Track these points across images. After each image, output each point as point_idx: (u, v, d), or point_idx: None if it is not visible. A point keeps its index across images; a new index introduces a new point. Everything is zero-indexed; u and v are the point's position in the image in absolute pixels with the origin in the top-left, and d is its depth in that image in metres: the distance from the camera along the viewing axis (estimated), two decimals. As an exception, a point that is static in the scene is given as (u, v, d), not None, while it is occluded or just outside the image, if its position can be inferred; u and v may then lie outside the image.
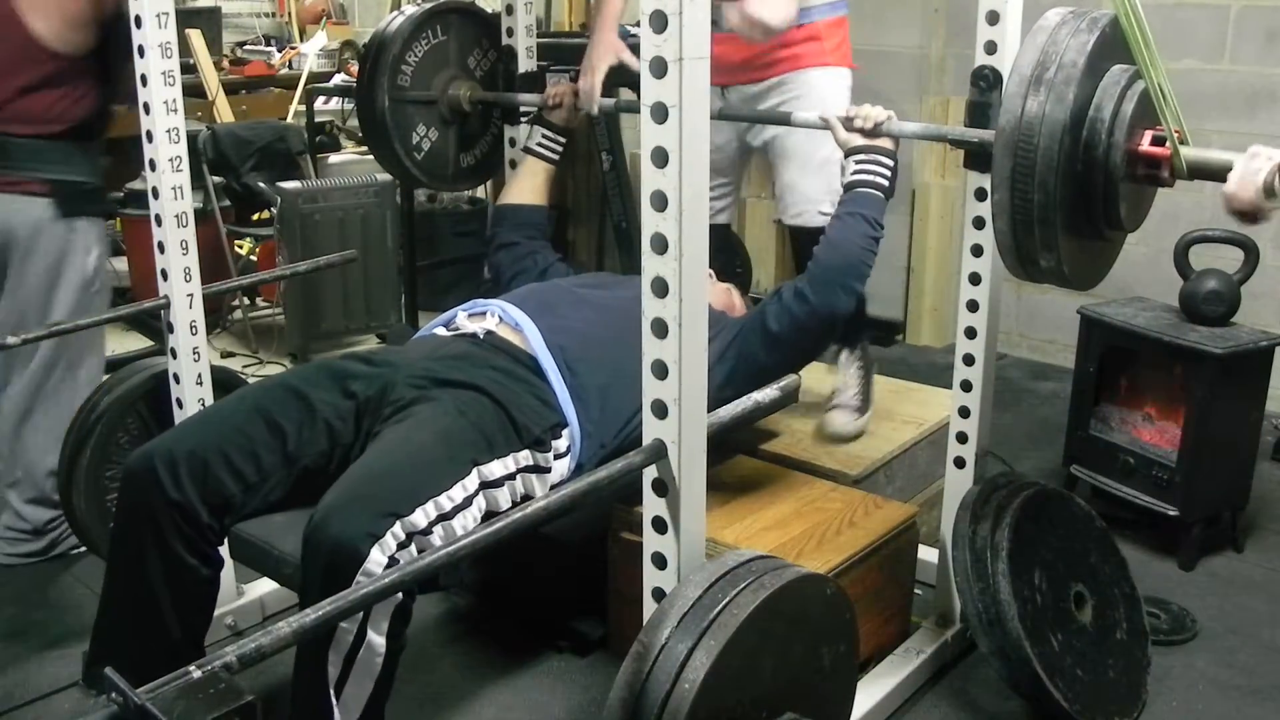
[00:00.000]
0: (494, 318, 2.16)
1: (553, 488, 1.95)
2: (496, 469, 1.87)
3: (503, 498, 1.88)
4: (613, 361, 2.06)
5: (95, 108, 2.44)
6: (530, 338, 2.10)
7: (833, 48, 2.54)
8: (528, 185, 2.63)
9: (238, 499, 1.87)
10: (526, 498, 1.92)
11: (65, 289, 2.52)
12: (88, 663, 2.03)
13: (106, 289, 2.65)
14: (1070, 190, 1.67)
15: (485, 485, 1.84)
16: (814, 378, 2.79)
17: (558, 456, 1.99)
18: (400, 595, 1.69)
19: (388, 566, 1.63)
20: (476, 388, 1.95)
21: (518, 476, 1.91)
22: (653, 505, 1.50)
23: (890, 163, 2.13)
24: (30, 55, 2.32)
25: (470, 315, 2.20)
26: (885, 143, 2.13)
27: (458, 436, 1.84)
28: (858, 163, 2.14)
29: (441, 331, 2.20)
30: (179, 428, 1.98)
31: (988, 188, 1.88)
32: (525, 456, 1.93)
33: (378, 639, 1.69)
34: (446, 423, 1.86)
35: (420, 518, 1.70)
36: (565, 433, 2.01)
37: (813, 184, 2.53)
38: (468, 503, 1.79)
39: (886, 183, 2.13)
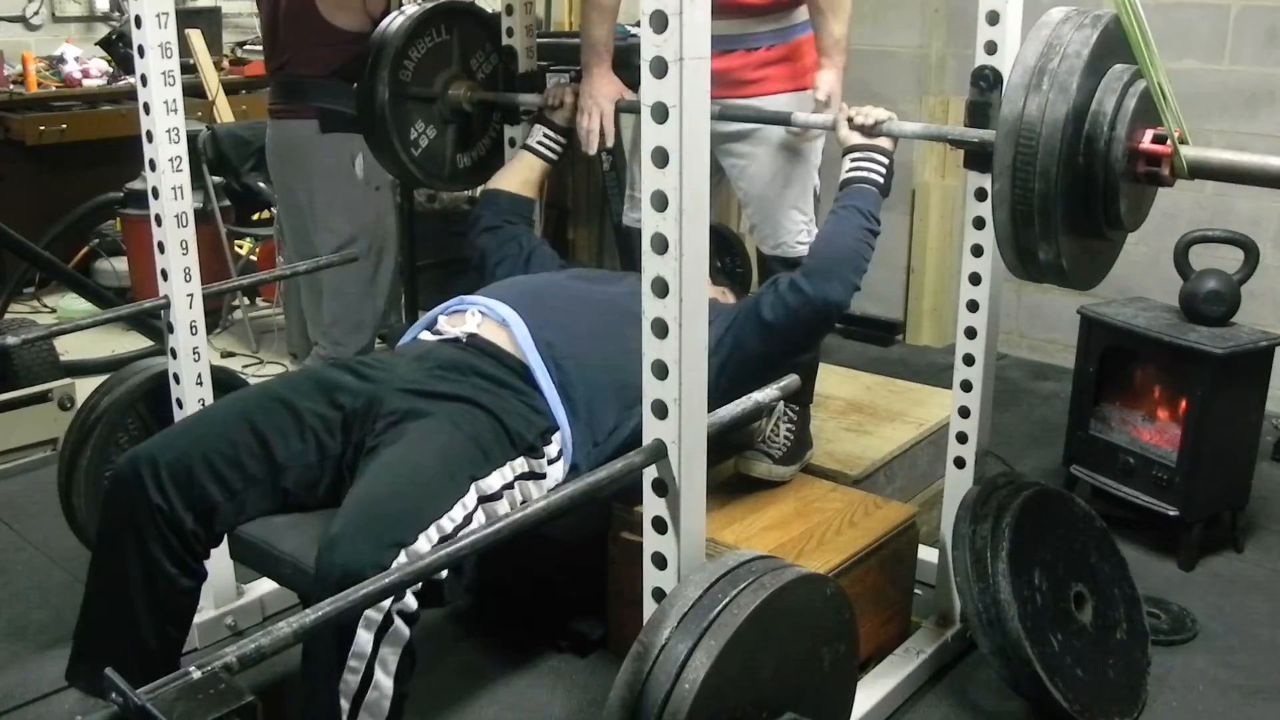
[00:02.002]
0: (475, 317, 2.14)
1: (549, 491, 1.94)
2: (494, 482, 1.86)
3: (501, 510, 1.86)
4: (602, 357, 2.05)
5: (355, 57, 2.92)
6: (517, 333, 2.08)
7: (805, 69, 2.36)
8: (520, 178, 2.61)
9: (222, 507, 1.86)
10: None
11: (342, 189, 3.19)
12: (70, 661, 2.00)
13: (386, 187, 3.31)
14: (1071, 180, 1.67)
15: (484, 500, 1.83)
16: (830, 383, 2.79)
17: (550, 462, 1.99)
18: (408, 633, 1.68)
19: (395, 599, 1.63)
20: (466, 399, 1.93)
21: (515, 485, 1.91)
22: (653, 505, 1.50)
23: (886, 161, 2.13)
24: (317, 26, 3.12)
25: (450, 316, 2.18)
26: (883, 142, 2.13)
27: (454, 454, 1.83)
28: (853, 160, 2.14)
29: (425, 336, 2.18)
30: (165, 434, 1.96)
31: (988, 188, 1.88)
32: (520, 464, 1.93)
33: (385, 680, 1.68)
34: (442, 441, 1.84)
35: (424, 544, 1.68)
36: (556, 437, 2.01)
37: (789, 214, 2.39)
38: (468, 520, 1.78)
39: (881, 180, 2.13)
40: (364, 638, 1.64)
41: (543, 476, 1.97)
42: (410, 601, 1.67)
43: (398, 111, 2.61)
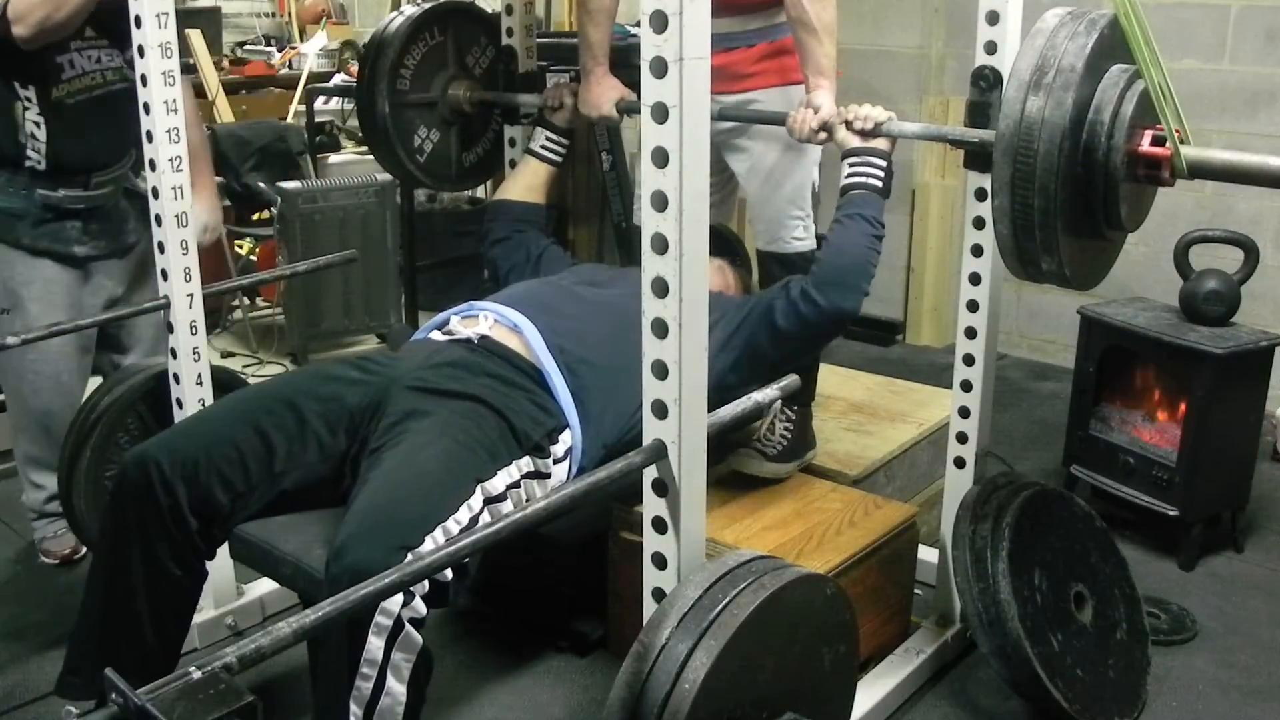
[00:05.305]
0: (488, 320, 2.14)
1: (551, 491, 1.93)
2: (499, 482, 1.85)
3: (506, 510, 1.85)
4: (613, 360, 2.05)
5: None
6: (530, 339, 2.08)
7: (794, 64, 2.34)
8: (526, 184, 2.62)
9: (226, 509, 1.86)
10: None
11: None
12: (63, 670, 1.95)
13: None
14: (1071, 194, 1.67)
15: (489, 500, 1.82)
16: (830, 383, 2.78)
17: (556, 461, 1.98)
18: (420, 640, 1.67)
19: (404, 604, 1.63)
20: (473, 397, 1.93)
21: (520, 484, 1.90)
22: (653, 505, 1.50)
23: (884, 163, 2.13)
24: None
25: (463, 319, 2.18)
26: (880, 143, 2.13)
27: (459, 455, 1.82)
28: (851, 165, 2.13)
29: (436, 336, 2.18)
30: (172, 434, 1.96)
31: (988, 188, 1.88)
32: (526, 463, 1.92)
33: (398, 686, 1.66)
34: (446, 442, 1.83)
35: (430, 546, 1.67)
36: (563, 436, 2.00)
37: (786, 210, 2.40)
38: (474, 522, 1.76)
39: (881, 184, 2.13)
40: (375, 644, 1.63)
41: (548, 476, 1.96)
42: (420, 606, 1.66)
43: (399, 121, 2.61)
